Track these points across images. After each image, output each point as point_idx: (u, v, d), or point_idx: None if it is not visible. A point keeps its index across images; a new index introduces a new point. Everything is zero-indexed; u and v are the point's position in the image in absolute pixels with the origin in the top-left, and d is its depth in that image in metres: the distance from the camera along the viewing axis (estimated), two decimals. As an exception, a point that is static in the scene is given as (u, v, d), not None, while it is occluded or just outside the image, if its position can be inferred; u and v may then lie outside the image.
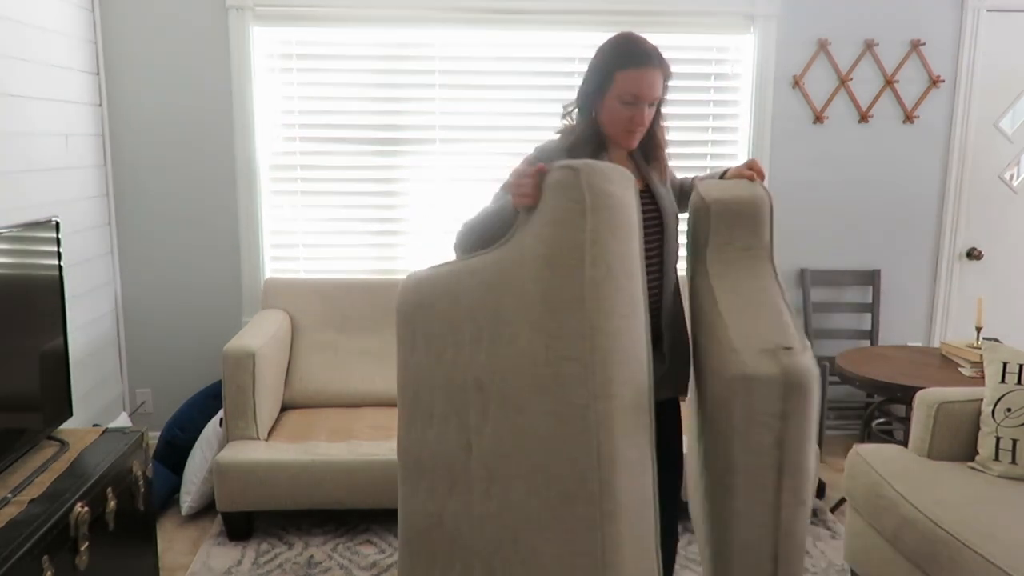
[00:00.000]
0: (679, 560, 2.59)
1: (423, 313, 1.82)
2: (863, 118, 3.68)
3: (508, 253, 1.61)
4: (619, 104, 1.77)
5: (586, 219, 1.48)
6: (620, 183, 1.54)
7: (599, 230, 1.48)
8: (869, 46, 3.61)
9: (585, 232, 1.47)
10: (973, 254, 3.83)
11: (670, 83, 4.05)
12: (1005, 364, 2.40)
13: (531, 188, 1.57)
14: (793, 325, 1.60)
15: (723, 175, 1.91)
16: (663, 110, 1.87)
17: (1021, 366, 2.38)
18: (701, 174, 2.05)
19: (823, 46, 3.60)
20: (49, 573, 1.77)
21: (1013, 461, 2.32)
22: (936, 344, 3.83)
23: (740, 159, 3.69)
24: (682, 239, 1.93)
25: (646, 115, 1.79)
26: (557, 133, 1.93)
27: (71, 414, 2.43)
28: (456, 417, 1.71)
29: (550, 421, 1.49)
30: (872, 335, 3.78)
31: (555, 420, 1.49)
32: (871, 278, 3.80)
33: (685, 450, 2.02)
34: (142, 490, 2.32)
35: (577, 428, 1.46)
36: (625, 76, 1.76)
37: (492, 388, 1.61)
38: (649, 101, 1.78)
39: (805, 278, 3.76)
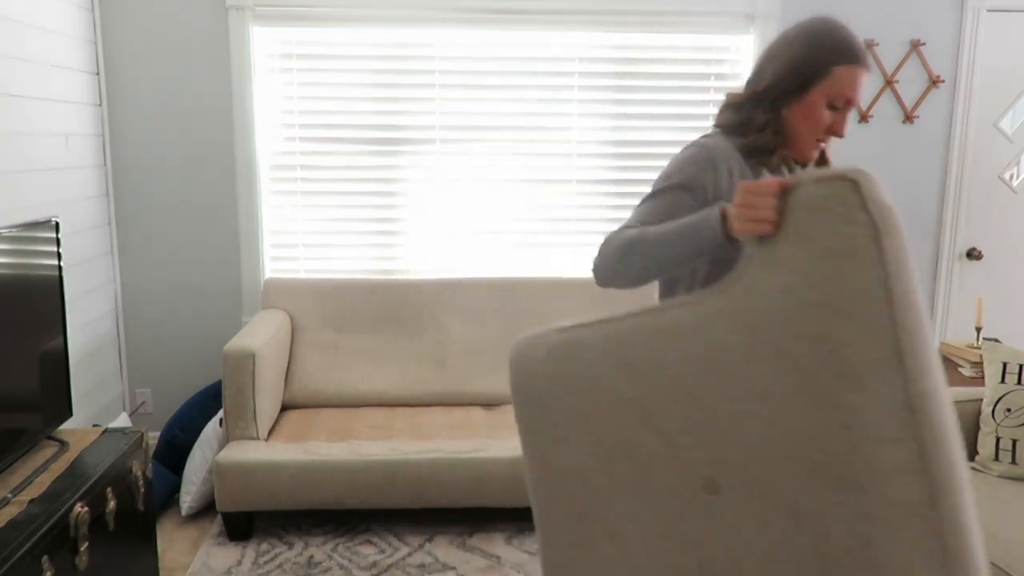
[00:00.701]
0: None
1: (573, 392, 1.37)
2: (863, 118, 3.68)
3: (741, 303, 1.19)
4: (824, 105, 1.51)
5: (881, 247, 1.09)
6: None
7: (899, 261, 1.10)
8: (869, 46, 3.61)
9: (885, 265, 1.09)
10: (973, 254, 3.83)
11: (672, 83, 4.02)
12: (1005, 364, 2.41)
13: (773, 211, 1.17)
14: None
15: None
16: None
17: (1021, 366, 2.38)
18: None
19: (823, 46, 3.60)
20: (49, 573, 1.77)
21: (1013, 461, 2.33)
22: (936, 344, 3.83)
23: (740, 159, 3.69)
24: None
25: (847, 123, 1.54)
26: (717, 127, 1.62)
27: (71, 414, 2.43)
28: (667, 533, 1.28)
29: (862, 529, 1.09)
30: (872, 335, 3.78)
31: (870, 526, 1.09)
32: (871, 278, 3.80)
33: None
34: (142, 490, 2.33)
35: (912, 535, 1.06)
36: (846, 72, 1.49)
37: (738, 489, 1.20)
38: (854, 106, 1.54)
39: (805, 278, 3.76)
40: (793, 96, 1.52)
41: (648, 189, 1.65)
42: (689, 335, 1.24)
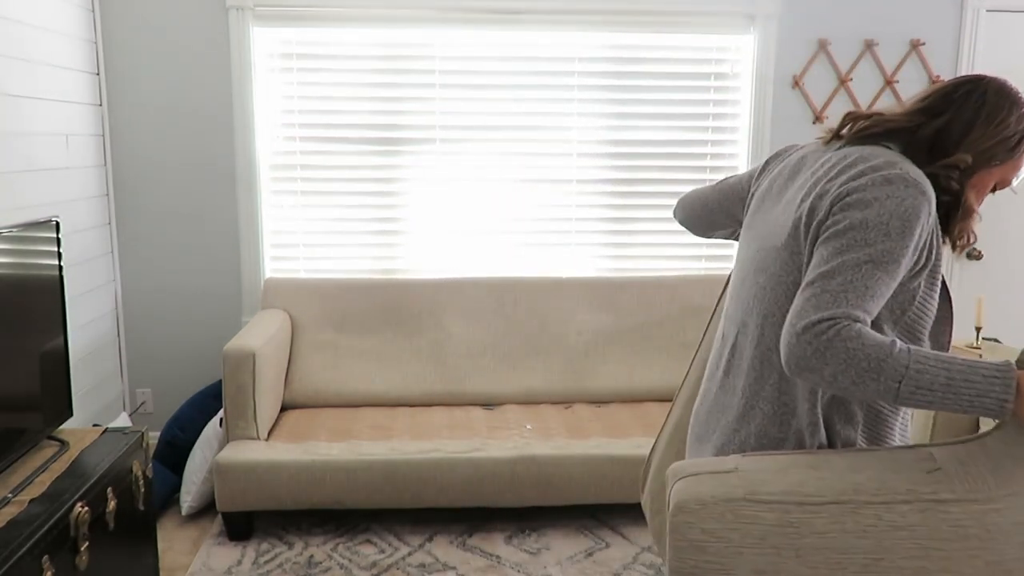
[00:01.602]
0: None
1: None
2: (863, 118, 3.67)
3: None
4: (991, 185, 1.38)
5: None
6: None
7: None
8: (869, 46, 3.61)
9: None
10: (973, 254, 3.83)
11: (672, 83, 4.01)
12: (1005, 364, 2.40)
13: None
14: None
15: None
16: None
17: (1021, 366, 2.38)
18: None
19: (823, 46, 3.60)
20: (49, 573, 1.77)
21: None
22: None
23: (740, 159, 3.70)
24: None
25: None
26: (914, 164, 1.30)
27: (71, 414, 2.43)
28: None
29: None
30: (872, 335, 3.78)
31: None
32: (871, 278, 3.79)
33: None
34: (142, 490, 2.33)
35: None
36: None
37: None
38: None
39: (805, 278, 3.76)
40: (984, 168, 1.34)
41: (649, 189, 1.52)
42: (969, 544, 1.07)
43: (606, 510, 3.06)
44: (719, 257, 3.78)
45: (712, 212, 1.69)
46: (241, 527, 2.88)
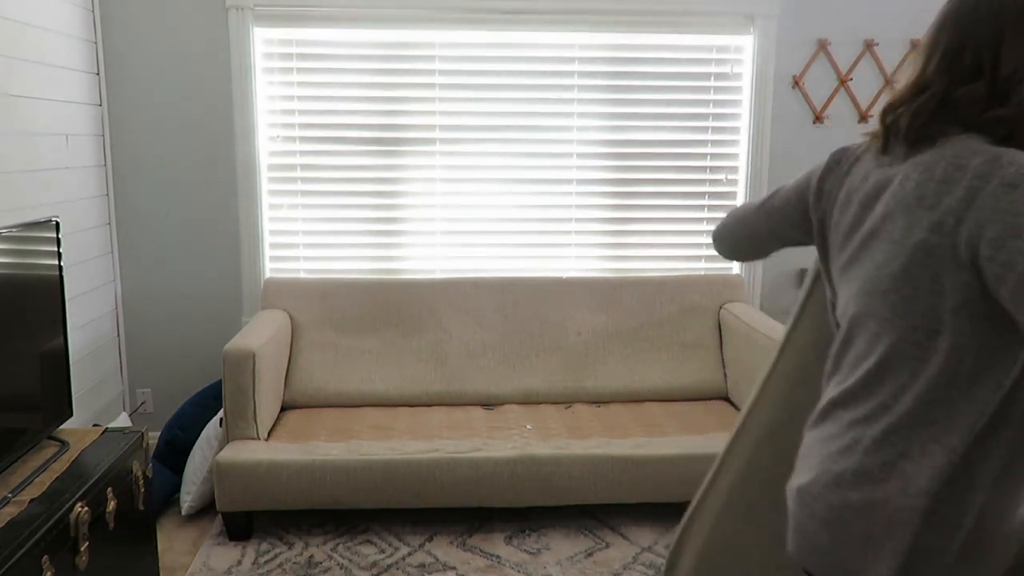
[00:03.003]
0: None
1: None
2: (863, 118, 3.68)
3: None
4: None
5: None
6: None
7: None
8: (869, 46, 3.61)
9: None
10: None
11: (672, 84, 4.00)
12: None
13: None
14: None
15: None
16: None
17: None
18: None
19: (823, 46, 3.61)
20: (49, 573, 1.77)
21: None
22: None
23: (740, 159, 3.70)
24: None
25: None
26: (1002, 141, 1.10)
27: (71, 414, 2.43)
28: None
29: None
30: (872, 335, 3.78)
31: None
32: (871, 278, 3.79)
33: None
34: (142, 490, 2.33)
35: None
36: None
37: None
38: None
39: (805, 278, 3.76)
40: None
41: (649, 190, 1.41)
42: None
43: (606, 510, 3.06)
44: (719, 257, 3.78)
45: (765, 242, 1.53)
46: (241, 527, 2.88)
